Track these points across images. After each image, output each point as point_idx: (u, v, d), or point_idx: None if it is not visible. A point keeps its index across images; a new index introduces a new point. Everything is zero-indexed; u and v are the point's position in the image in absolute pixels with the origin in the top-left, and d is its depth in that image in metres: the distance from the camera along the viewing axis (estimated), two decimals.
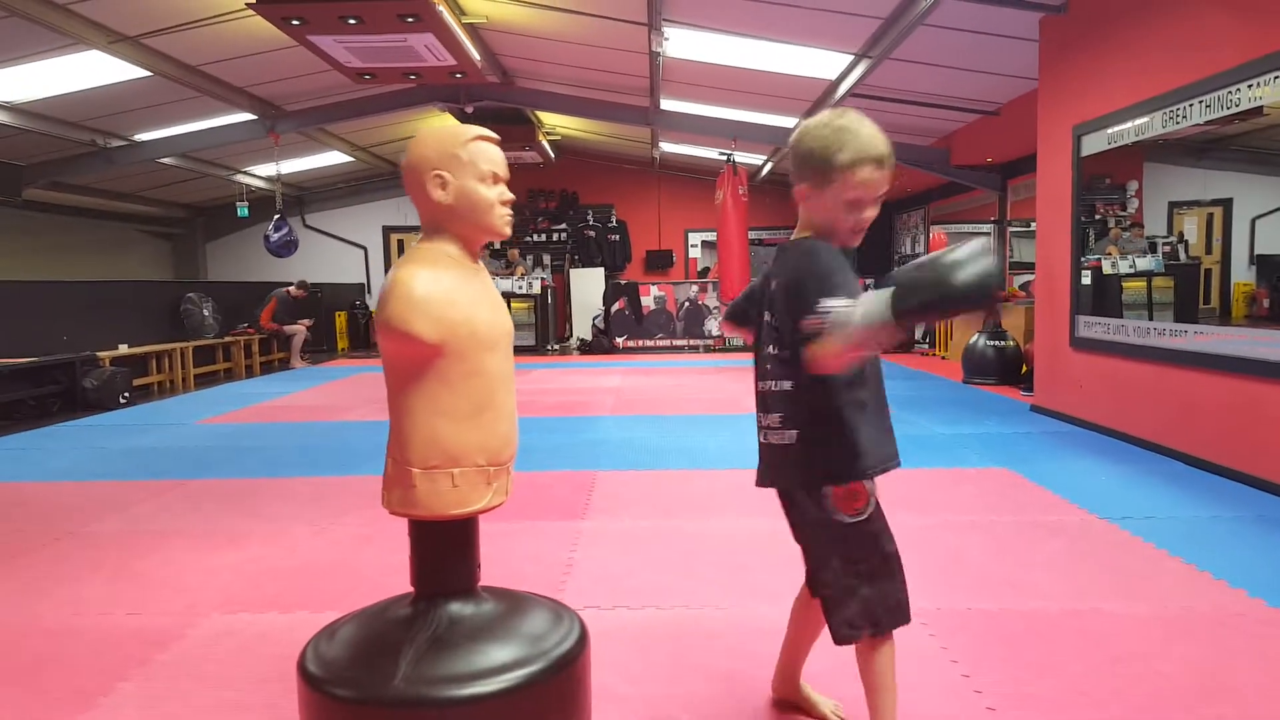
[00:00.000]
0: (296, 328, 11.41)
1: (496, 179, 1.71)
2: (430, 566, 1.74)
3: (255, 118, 9.55)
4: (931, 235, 12.33)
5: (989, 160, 9.25)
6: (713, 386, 8.33)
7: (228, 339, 10.57)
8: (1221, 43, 4.18)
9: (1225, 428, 4.23)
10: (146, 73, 7.52)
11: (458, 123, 1.84)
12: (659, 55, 7.54)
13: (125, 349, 8.53)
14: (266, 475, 4.65)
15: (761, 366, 1.73)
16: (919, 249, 12.58)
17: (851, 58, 7.14)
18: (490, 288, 1.77)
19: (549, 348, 13.16)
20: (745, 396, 2.44)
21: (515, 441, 1.76)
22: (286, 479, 4.55)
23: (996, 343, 7.92)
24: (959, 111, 8.41)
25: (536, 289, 12.91)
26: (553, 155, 13.04)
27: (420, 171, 1.67)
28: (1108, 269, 5.59)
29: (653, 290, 13.08)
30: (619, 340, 12.78)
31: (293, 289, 11.52)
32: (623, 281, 13.36)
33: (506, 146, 1.77)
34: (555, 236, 14.87)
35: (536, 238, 14.83)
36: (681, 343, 13.00)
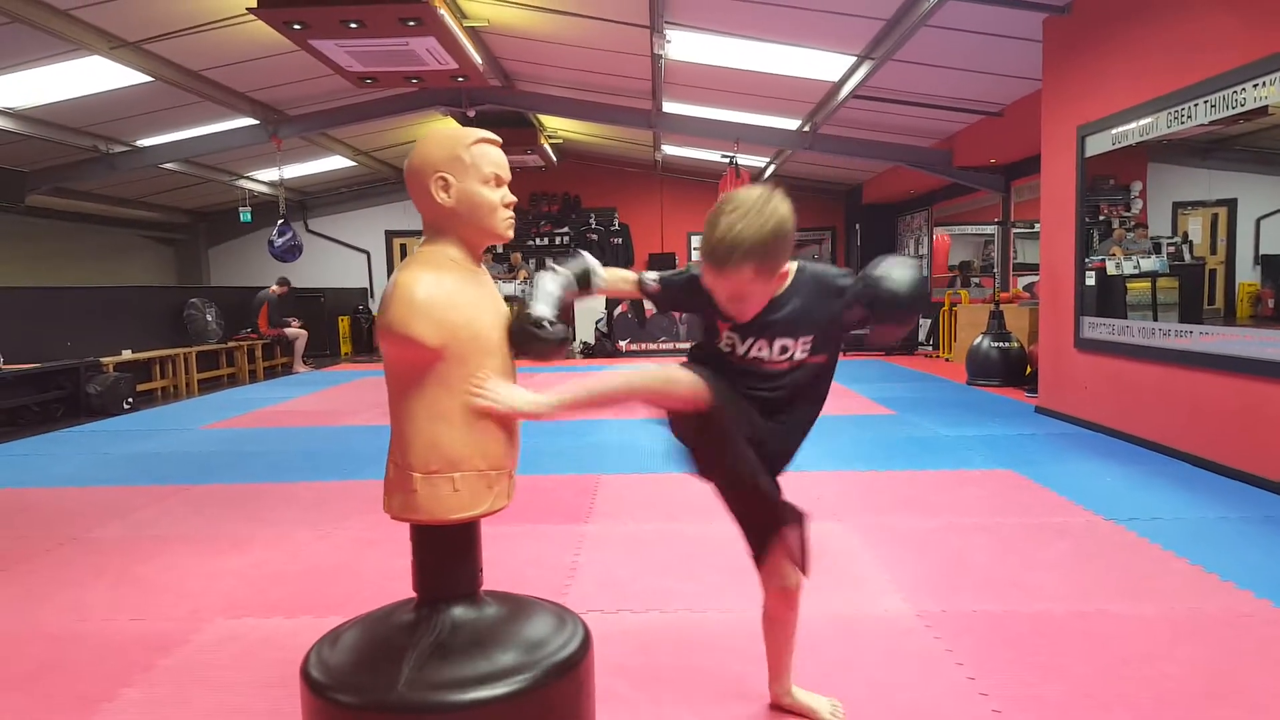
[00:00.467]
0: (299, 332, 11.43)
1: (499, 181, 1.70)
2: (432, 571, 1.73)
3: (257, 123, 9.57)
4: (935, 237, 12.32)
5: (992, 161, 9.24)
6: None
7: (231, 344, 10.57)
8: (1226, 43, 4.17)
9: (1231, 428, 4.22)
10: (148, 78, 7.53)
11: (460, 126, 1.83)
12: (661, 58, 7.54)
13: (129, 354, 8.54)
14: (270, 480, 4.65)
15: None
16: (923, 250, 12.56)
17: (854, 59, 7.14)
18: (493, 291, 1.76)
19: None
20: None
21: (518, 446, 1.75)
22: (290, 484, 4.55)
23: (1001, 344, 7.91)
24: (962, 113, 8.40)
25: None
26: (555, 159, 13.04)
27: (423, 174, 1.66)
28: (1112, 270, 5.58)
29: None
30: (622, 344, 12.77)
31: (274, 288, 11.41)
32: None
33: (509, 150, 1.76)
34: (558, 240, 14.88)
35: (539, 241, 14.84)
36: (685, 346, 12.96)
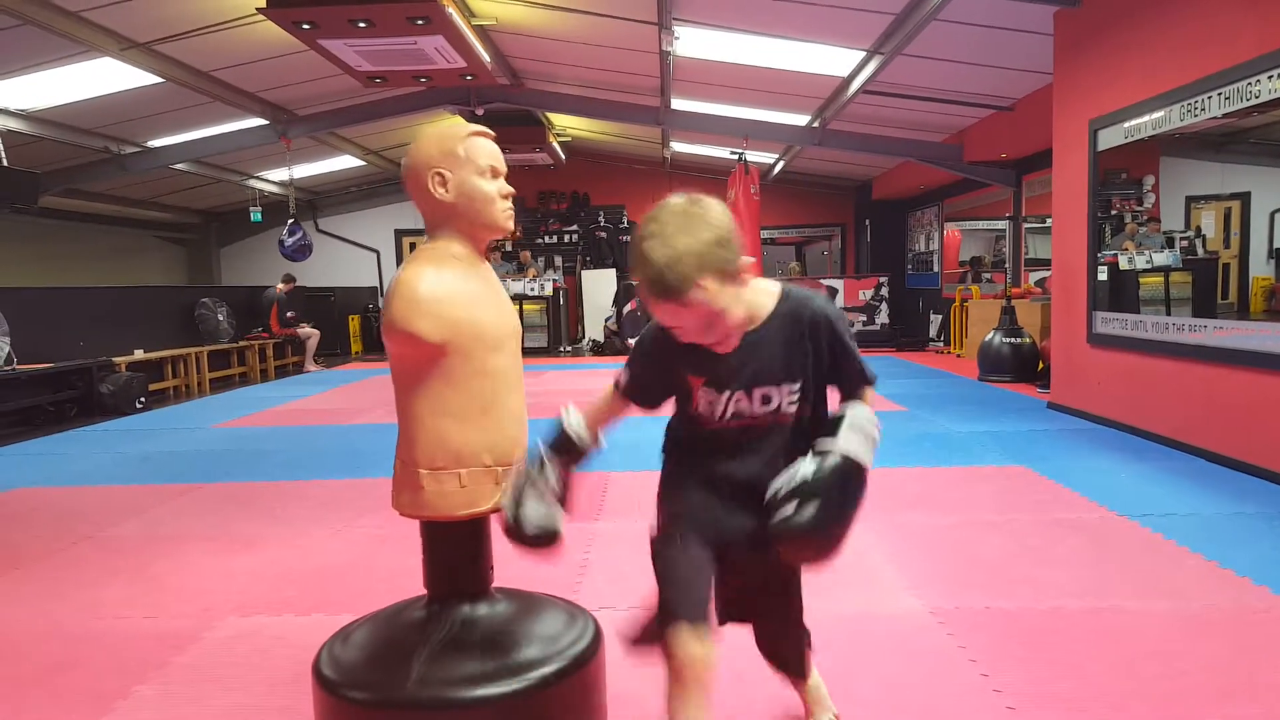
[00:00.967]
0: (311, 331, 11.48)
1: (495, 173, 1.71)
2: (442, 568, 1.74)
3: (267, 123, 9.59)
4: (946, 232, 12.27)
5: (1003, 156, 9.18)
6: None
7: (242, 343, 10.63)
8: (1240, 34, 4.13)
9: (1245, 423, 4.18)
10: (158, 79, 7.56)
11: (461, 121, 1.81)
12: (669, 54, 7.52)
13: (141, 354, 8.59)
14: (281, 479, 4.67)
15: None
16: (933, 246, 12.51)
17: (863, 54, 7.11)
18: (496, 286, 1.76)
19: (561, 349, 13.17)
20: None
21: (524, 442, 1.74)
22: (302, 482, 4.56)
23: (1012, 339, 7.87)
24: (972, 107, 8.35)
25: (548, 291, 12.92)
26: (563, 157, 13.03)
27: (420, 171, 1.67)
28: (1124, 264, 5.54)
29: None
30: (631, 341, 12.74)
31: (280, 286, 11.45)
32: (635, 282, 13.30)
33: (517, 149, 1.77)
34: (567, 238, 14.87)
35: (548, 239, 14.84)
36: None
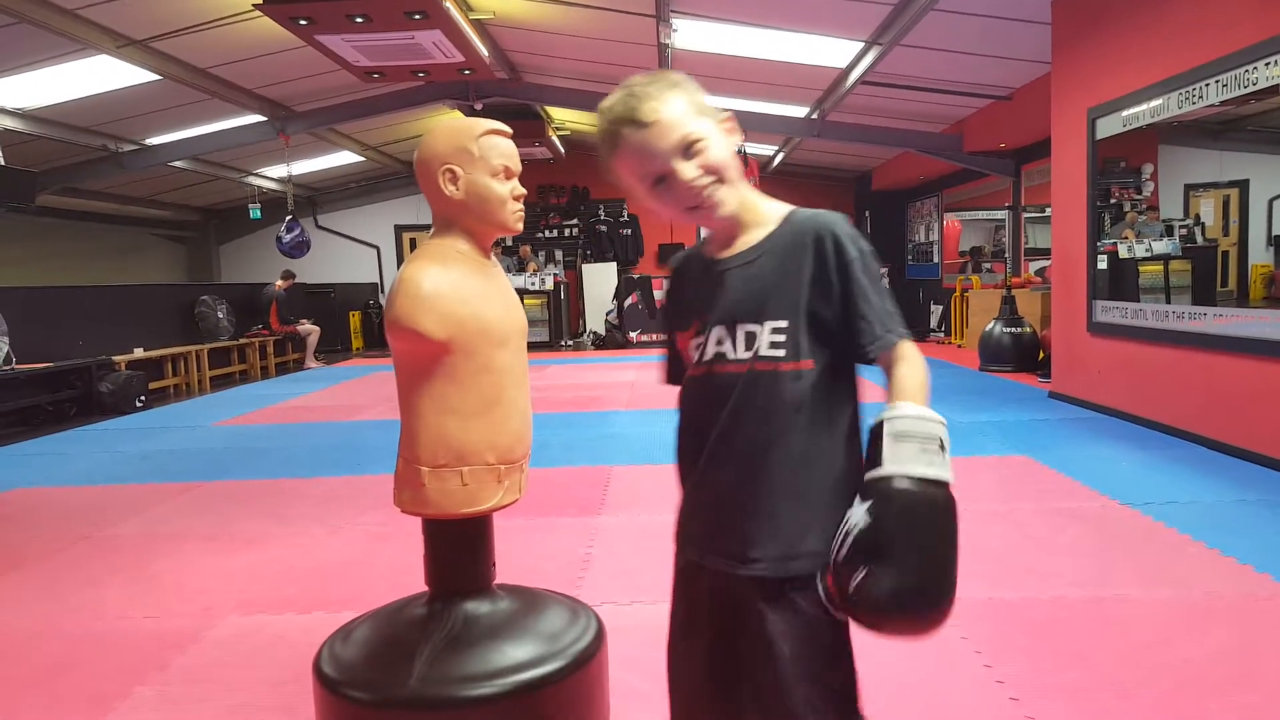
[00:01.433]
0: (311, 328, 11.46)
1: (509, 173, 1.68)
2: (444, 565, 1.73)
3: (265, 119, 9.56)
4: (946, 223, 12.24)
5: (1002, 146, 9.15)
6: None
7: (242, 341, 10.61)
8: (1237, 21, 4.11)
9: (1246, 410, 4.17)
10: (156, 76, 7.53)
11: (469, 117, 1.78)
12: (668, 47, 7.49)
13: (140, 353, 8.57)
14: (282, 476, 4.66)
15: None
16: (933, 236, 12.48)
17: (862, 45, 7.08)
18: (503, 283, 1.74)
19: (563, 343, 13.16)
20: None
21: (528, 439, 1.73)
22: (302, 480, 4.56)
23: (1013, 329, 7.86)
24: (971, 97, 8.33)
25: (549, 285, 12.90)
26: (563, 150, 13.00)
27: (431, 166, 1.65)
28: (1124, 253, 5.53)
29: (665, 284, 13.01)
30: (633, 335, 12.74)
31: (280, 283, 11.39)
32: (635, 276, 13.31)
33: (517, 142, 1.74)
34: (567, 232, 14.84)
35: (548, 234, 14.81)
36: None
